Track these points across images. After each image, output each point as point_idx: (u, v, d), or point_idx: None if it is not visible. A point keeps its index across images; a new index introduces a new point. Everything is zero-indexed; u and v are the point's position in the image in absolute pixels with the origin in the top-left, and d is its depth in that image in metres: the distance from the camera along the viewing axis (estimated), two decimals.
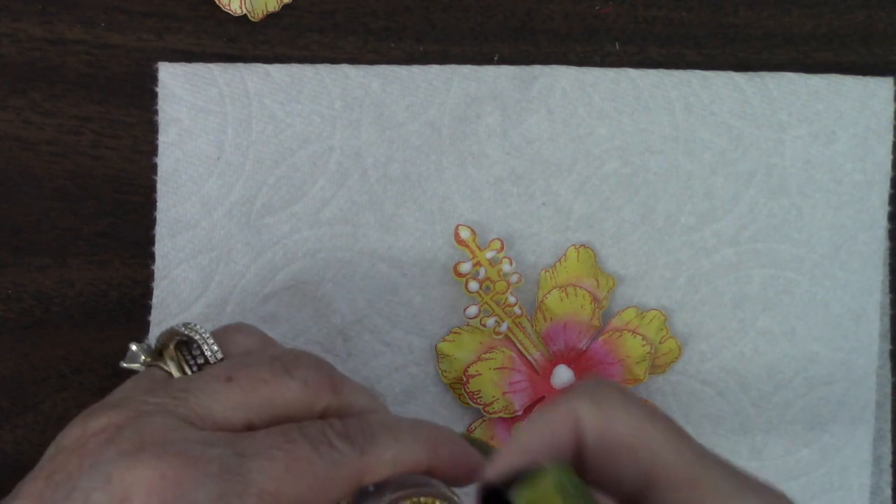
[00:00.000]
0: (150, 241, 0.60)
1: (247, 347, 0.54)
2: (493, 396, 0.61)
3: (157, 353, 0.54)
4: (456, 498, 0.49)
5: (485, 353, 0.61)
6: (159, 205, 0.60)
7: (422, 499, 0.48)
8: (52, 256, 0.60)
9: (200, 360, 0.53)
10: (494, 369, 0.61)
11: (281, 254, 0.61)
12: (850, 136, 0.65)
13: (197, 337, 0.53)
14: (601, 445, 0.39)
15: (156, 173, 0.60)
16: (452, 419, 0.61)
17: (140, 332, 0.60)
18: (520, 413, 0.62)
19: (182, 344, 0.54)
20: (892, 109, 0.66)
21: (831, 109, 0.65)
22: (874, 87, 0.66)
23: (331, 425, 0.48)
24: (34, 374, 0.59)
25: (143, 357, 0.55)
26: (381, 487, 0.48)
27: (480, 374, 0.61)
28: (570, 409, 0.40)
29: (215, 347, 0.53)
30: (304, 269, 0.61)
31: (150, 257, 0.60)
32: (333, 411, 0.50)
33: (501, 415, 0.61)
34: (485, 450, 0.58)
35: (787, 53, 0.67)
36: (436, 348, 0.62)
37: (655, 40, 0.66)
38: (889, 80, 0.66)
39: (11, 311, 0.60)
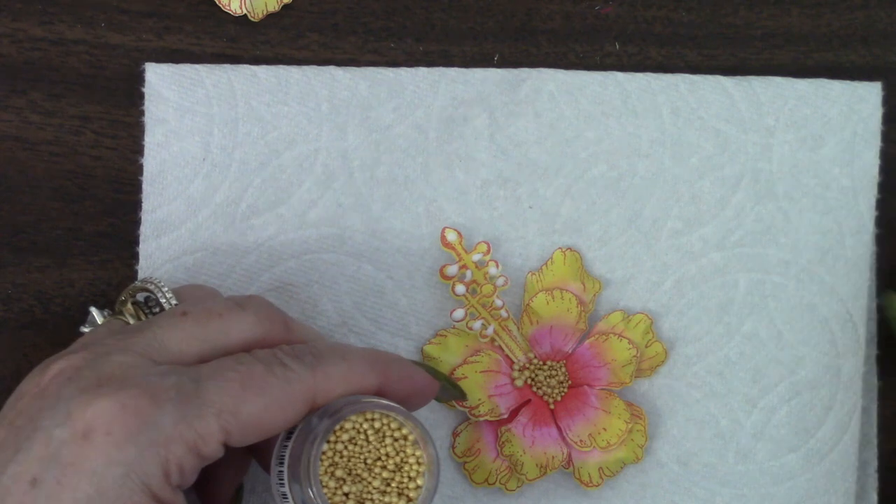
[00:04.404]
0: (136, 241, 0.60)
1: (202, 298, 0.55)
2: (479, 399, 0.61)
3: (118, 313, 0.55)
4: (405, 413, 0.50)
5: (471, 356, 0.61)
6: (144, 205, 0.60)
7: (368, 413, 0.49)
8: (52, 256, 0.61)
9: (157, 310, 0.54)
10: (480, 372, 0.61)
11: (266, 255, 0.61)
12: (838, 140, 0.65)
13: (152, 287, 0.54)
14: None
15: (142, 174, 0.60)
16: (438, 421, 0.61)
17: None
18: (505, 416, 0.61)
19: (140, 303, 0.55)
20: (879, 114, 0.65)
21: (819, 114, 0.65)
22: (862, 92, 0.65)
23: (281, 349, 0.50)
24: None
25: (102, 320, 0.55)
26: (332, 409, 0.49)
27: (466, 377, 0.61)
28: None
29: (170, 294, 0.54)
30: (289, 271, 0.61)
31: (135, 258, 0.60)
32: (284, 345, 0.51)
33: (487, 417, 0.61)
34: (434, 373, 0.59)
35: (787, 54, 0.66)
36: (422, 351, 0.62)
37: (655, 40, 0.65)
38: (877, 85, 0.65)
39: (11, 311, 0.60)
